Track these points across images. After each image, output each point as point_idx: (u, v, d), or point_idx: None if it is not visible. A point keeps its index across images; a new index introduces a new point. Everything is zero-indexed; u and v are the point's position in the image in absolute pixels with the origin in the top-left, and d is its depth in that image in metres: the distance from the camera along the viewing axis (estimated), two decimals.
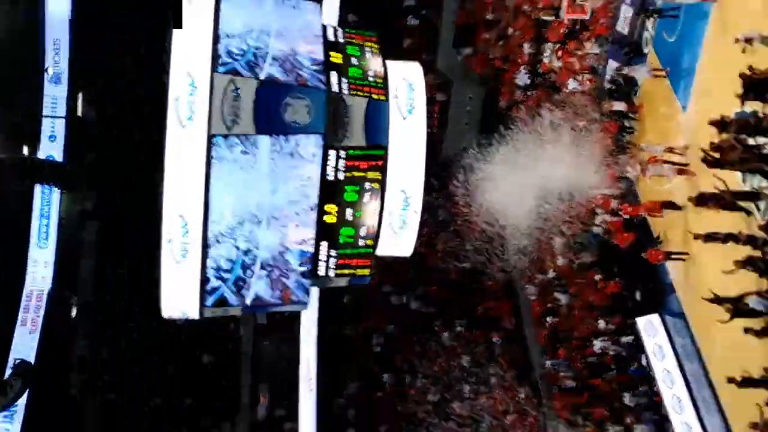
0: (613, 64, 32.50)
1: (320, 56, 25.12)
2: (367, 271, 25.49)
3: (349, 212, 24.84)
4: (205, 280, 23.94)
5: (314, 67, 24.78)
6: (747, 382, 23.90)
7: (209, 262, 23.85)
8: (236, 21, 24.52)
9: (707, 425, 28.27)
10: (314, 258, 24.69)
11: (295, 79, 24.41)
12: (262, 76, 24.07)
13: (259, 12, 25.29)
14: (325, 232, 24.72)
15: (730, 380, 23.74)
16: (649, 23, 30.95)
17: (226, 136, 23.37)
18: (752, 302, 23.33)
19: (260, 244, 24.05)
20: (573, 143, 31.54)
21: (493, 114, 36.97)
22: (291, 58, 24.73)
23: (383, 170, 24.92)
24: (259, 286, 24.42)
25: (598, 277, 33.95)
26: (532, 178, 33.37)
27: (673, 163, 28.41)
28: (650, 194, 30.31)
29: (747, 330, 23.47)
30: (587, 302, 34.51)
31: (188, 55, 23.43)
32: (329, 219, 24.78)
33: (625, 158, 30.85)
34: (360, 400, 41.48)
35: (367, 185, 24.83)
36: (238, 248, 24.01)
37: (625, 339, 32.71)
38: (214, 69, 23.44)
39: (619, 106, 32.00)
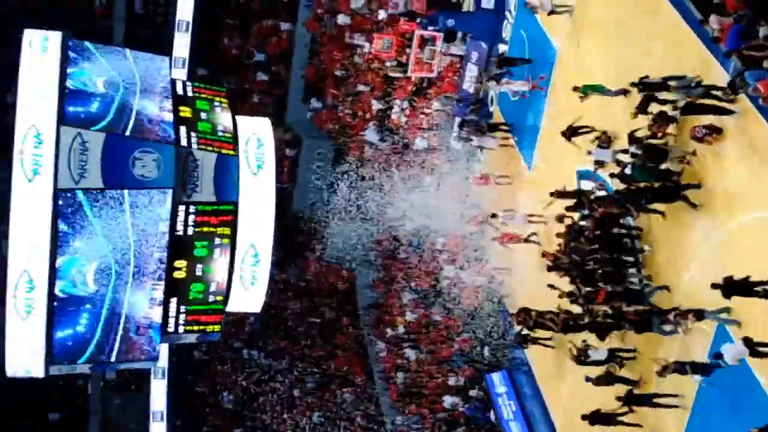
0: (459, 122, 32.89)
1: (169, 110, 24.99)
2: (217, 327, 25.24)
3: (199, 268, 24.61)
4: (78, 331, 23.51)
5: (163, 121, 24.64)
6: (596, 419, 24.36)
7: (82, 320, 23.44)
8: (94, 75, 24.37)
9: None
10: (164, 314, 24.36)
11: (144, 132, 24.21)
12: (125, 130, 23.87)
13: (116, 65, 25.15)
14: (174, 288, 24.42)
15: (584, 417, 24.18)
16: (493, 89, 31.49)
17: (74, 191, 22.98)
18: (593, 353, 23.89)
19: (114, 295, 23.66)
20: (422, 199, 31.87)
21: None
22: (141, 111, 24.56)
23: (233, 226, 24.80)
24: (114, 337, 24.00)
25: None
26: (381, 233, 33.80)
27: (527, 240, 28.46)
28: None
29: (588, 379, 24.01)
30: (438, 357, 34.69)
31: (34, 107, 23.04)
32: (179, 275, 24.50)
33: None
34: None
35: (216, 241, 24.66)
36: (95, 305, 23.59)
37: (474, 393, 32.89)
38: (60, 122, 23.07)
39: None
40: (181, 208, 24.15)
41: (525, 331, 27.49)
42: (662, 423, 22.61)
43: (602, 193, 23.81)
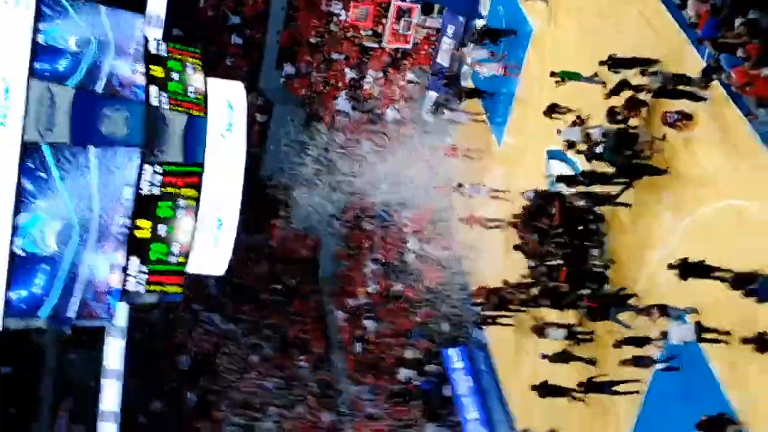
0: (433, 95, 32.92)
1: (141, 72, 24.80)
2: (178, 289, 25.17)
3: (162, 228, 24.51)
4: (33, 291, 23.31)
5: (134, 84, 24.45)
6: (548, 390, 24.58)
7: (39, 280, 23.26)
8: (67, 33, 24.09)
9: None
10: (125, 274, 24.24)
11: (114, 90, 24.01)
12: (95, 88, 23.65)
13: (90, 22, 24.86)
14: (136, 247, 24.31)
15: (533, 387, 24.41)
16: (468, 59, 31.43)
17: (39, 146, 22.76)
18: (551, 331, 24.07)
19: (74, 256, 23.50)
20: (391, 170, 31.86)
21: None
22: (113, 72, 24.35)
23: (199, 188, 24.69)
24: (70, 299, 23.88)
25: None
26: (348, 203, 33.75)
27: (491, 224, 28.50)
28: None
29: (544, 356, 24.19)
30: (396, 330, 34.74)
31: (4, 59, 22.76)
32: (141, 234, 24.40)
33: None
34: (163, 418, 40.73)
35: (182, 202, 24.56)
36: (54, 266, 23.41)
37: (429, 368, 32.97)
38: (30, 75, 22.82)
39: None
40: (148, 167, 23.99)
41: (485, 310, 27.57)
42: (615, 404, 22.78)
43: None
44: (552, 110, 24.65)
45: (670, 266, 18.98)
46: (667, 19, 21.50)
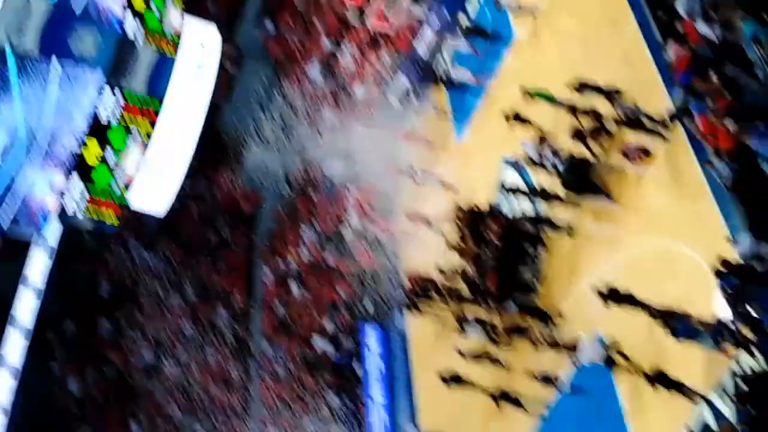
0: (404, 80, 32.97)
1: (122, 5, 24.68)
2: (115, 220, 25.15)
3: (111, 157, 24.53)
4: None
5: (113, 14, 24.30)
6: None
7: None
8: None
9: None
10: (66, 196, 24.14)
11: (92, 14, 23.88)
12: (73, 8, 23.49)
13: None
14: (82, 171, 24.24)
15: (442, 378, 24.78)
16: (446, 52, 31.69)
17: (4, 51, 22.61)
18: (470, 327, 24.45)
19: (15, 169, 23.37)
20: (347, 146, 31.96)
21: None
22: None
23: (155, 124, 24.64)
24: (4, 209, 23.75)
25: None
26: (300, 167, 33.75)
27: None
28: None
29: (459, 352, 24.60)
30: (320, 299, 34.86)
31: None
32: (89, 159, 24.36)
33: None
34: (72, 340, 40.64)
35: (135, 134, 24.58)
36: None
37: (346, 343, 33.10)
38: None
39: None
40: (110, 94, 23.89)
41: (412, 297, 27.78)
42: (517, 413, 23.10)
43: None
44: (516, 118, 24.92)
45: (598, 292, 19.36)
46: (645, 55, 21.78)
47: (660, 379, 18.10)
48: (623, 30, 22.92)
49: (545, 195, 23.30)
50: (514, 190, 24.57)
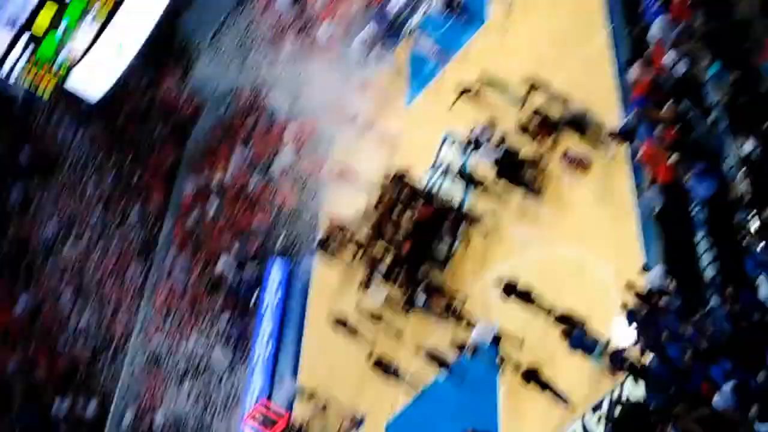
0: (372, 29, 32.71)
1: None
2: (47, 94, 24.60)
3: (63, 28, 23.96)
4: None
5: None
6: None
7: None
8: None
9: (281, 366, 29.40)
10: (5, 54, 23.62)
11: None
12: None
13: None
14: (30, 34, 23.70)
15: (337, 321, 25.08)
16: (417, 15, 31.62)
17: None
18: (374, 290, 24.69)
19: None
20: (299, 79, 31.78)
21: None
22: None
23: (117, 7, 24.20)
24: None
25: None
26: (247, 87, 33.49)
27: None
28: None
29: (358, 307, 25.02)
30: (235, 222, 34.66)
31: None
32: (40, 22, 23.78)
33: None
34: None
35: (94, 12, 24.03)
36: None
37: (249, 270, 32.94)
38: None
39: None
40: None
41: (327, 241, 27.81)
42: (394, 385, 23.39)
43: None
44: (463, 93, 25.12)
45: (498, 283, 19.56)
46: (608, 69, 21.88)
47: (533, 376, 18.42)
48: (593, 38, 23.04)
49: (473, 180, 23.67)
50: (446, 169, 24.80)
